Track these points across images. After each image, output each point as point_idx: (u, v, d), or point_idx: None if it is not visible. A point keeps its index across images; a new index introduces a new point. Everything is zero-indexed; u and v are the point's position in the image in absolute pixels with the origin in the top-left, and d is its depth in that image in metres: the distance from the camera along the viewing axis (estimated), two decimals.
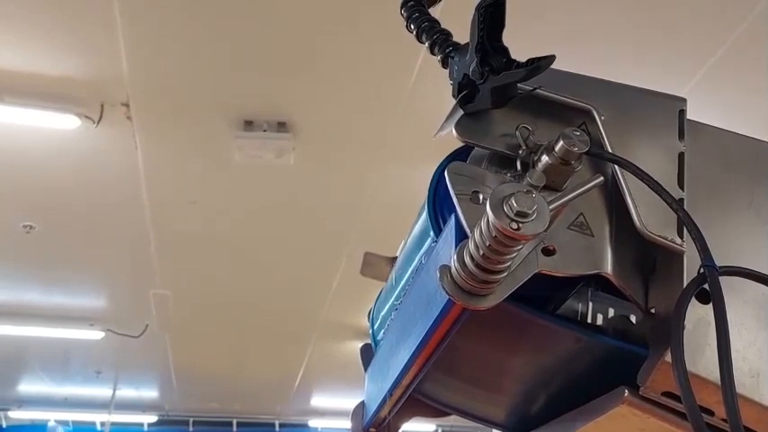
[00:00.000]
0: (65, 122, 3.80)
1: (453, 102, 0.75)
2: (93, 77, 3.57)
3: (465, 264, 0.63)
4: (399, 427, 1.03)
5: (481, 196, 0.67)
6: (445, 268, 0.65)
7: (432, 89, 3.43)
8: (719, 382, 0.62)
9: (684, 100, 0.78)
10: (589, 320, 0.87)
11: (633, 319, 0.84)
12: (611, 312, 0.87)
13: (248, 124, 3.84)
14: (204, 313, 6.29)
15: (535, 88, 0.71)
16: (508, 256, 0.62)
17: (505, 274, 0.63)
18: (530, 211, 0.58)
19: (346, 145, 4.09)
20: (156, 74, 3.59)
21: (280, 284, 5.77)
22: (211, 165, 4.26)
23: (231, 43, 3.38)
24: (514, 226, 0.58)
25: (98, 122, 3.80)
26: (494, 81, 0.69)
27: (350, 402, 1.11)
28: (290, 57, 3.42)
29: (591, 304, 0.88)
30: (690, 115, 0.78)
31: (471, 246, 0.62)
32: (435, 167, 0.82)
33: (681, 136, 0.76)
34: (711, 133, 0.79)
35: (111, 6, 3.13)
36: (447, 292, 0.64)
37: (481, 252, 0.61)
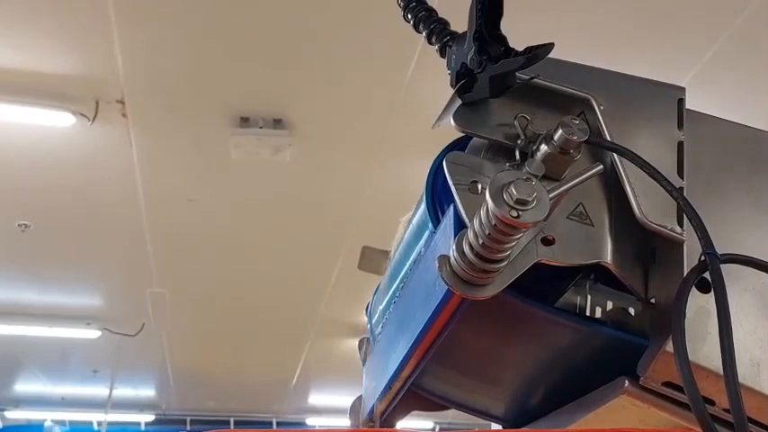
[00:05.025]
0: (60, 120, 3.79)
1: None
2: (88, 74, 3.56)
3: (464, 253, 0.62)
4: (398, 421, 1.02)
5: (480, 186, 0.67)
6: (444, 258, 0.65)
7: (428, 85, 3.43)
8: (720, 372, 0.62)
9: (683, 89, 0.77)
10: (588, 313, 0.87)
11: (632, 311, 0.84)
12: (610, 305, 0.87)
13: (244, 121, 3.84)
14: (201, 311, 6.28)
15: (533, 77, 0.71)
16: (507, 245, 0.61)
17: (505, 263, 0.63)
18: (529, 199, 0.58)
19: (343, 141, 4.08)
20: (151, 71, 3.58)
21: (277, 282, 5.76)
22: (207, 162, 4.25)
23: (226, 40, 3.38)
24: (514, 214, 0.58)
25: (93, 120, 3.79)
26: (492, 70, 0.68)
27: (347, 400, 1.10)
28: (285, 53, 3.41)
29: (589, 297, 0.87)
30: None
31: (470, 235, 0.62)
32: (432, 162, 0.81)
33: (680, 125, 0.75)
34: (710, 122, 0.79)
35: (105, 4, 3.12)
36: (446, 282, 0.64)
37: (480, 241, 0.61)
